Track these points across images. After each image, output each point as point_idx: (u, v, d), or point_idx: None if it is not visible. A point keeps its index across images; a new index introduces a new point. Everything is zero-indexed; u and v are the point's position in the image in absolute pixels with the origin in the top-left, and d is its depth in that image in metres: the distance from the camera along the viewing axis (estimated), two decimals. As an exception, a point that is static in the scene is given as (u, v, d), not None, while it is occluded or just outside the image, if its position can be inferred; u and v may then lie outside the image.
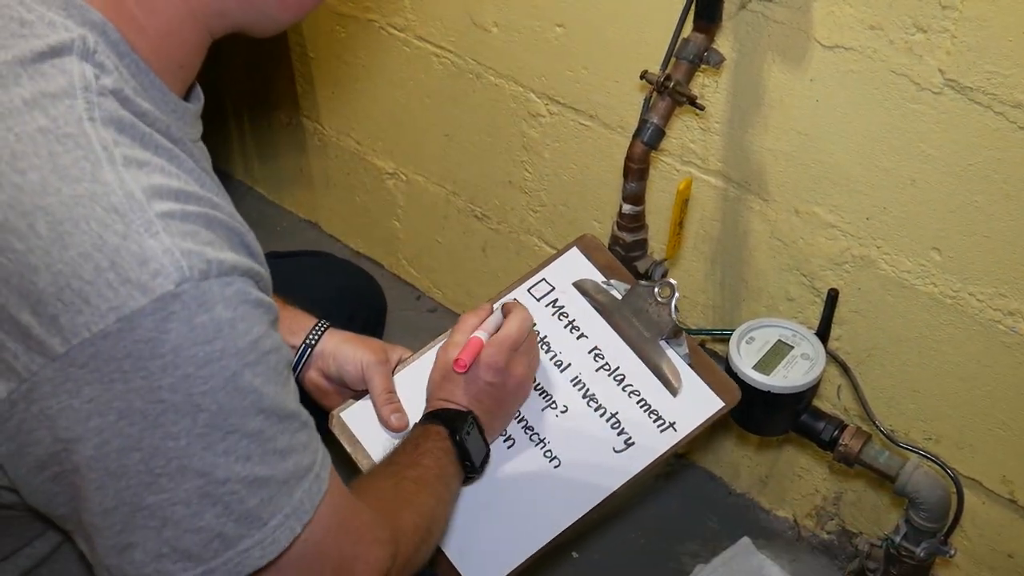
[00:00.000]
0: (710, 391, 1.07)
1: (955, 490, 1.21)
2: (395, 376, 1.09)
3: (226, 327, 0.63)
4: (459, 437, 0.96)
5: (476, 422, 0.99)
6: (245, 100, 2.16)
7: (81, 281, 0.60)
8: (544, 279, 1.17)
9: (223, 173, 2.33)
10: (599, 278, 1.16)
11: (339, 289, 1.31)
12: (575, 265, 1.17)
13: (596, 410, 1.07)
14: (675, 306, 1.08)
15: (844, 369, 1.34)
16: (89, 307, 0.60)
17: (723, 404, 1.06)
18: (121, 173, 0.63)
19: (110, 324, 0.60)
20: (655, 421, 1.05)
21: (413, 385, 1.08)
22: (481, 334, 1.02)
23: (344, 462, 1.08)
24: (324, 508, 0.72)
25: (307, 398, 1.13)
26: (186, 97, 0.77)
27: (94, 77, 0.65)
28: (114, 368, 0.61)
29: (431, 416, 0.99)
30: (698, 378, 1.08)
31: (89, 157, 0.62)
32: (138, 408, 0.62)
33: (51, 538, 0.77)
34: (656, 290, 1.10)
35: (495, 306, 1.08)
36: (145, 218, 0.62)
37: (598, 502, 1.02)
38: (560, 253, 1.19)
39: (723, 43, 1.26)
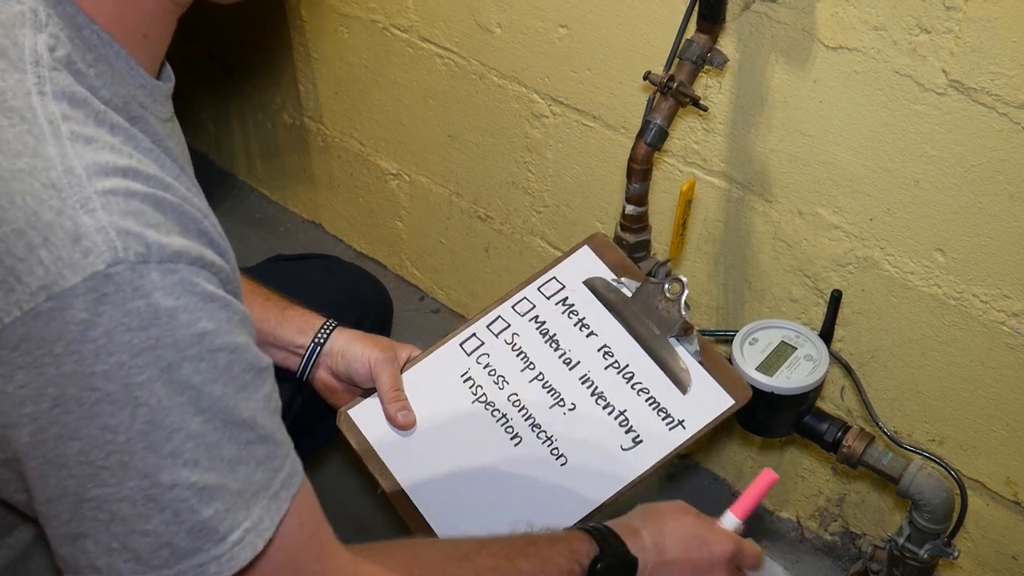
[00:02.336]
0: (720, 389, 1.06)
1: (959, 492, 1.21)
2: (403, 374, 1.09)
3: (164, 315, 0.60)
4: (600, 565, 0.86)
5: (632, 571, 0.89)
6: (248, 100, 2.16)
7: (13, 258, 0.58)
8: (555, 277, 1.17)
9: (226, 173, 2.34)
10: (610, 276, 1.15)
11: (346, 292, 1.31)
12: (586, 263, 1.17)
13: (604, 408, 1.06)
14: (685, 303, 1.07)
15: (847, 370, 1.34)
16: (21, 285, 0.58)
17: (733, 402, 1.05)
18: (65, 148, 0.60)
19: (40, 303, 0.58)
20: (664, 419, 1.05)
21: (421, 383, 1.08)
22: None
23: (353, 460, 1.09)
24: (289, 524, 0.68)
25: (318, 397, 1.13)
26: (157, 76, 0.74)
27: (47, 50, 0.63)
28: (45, 352, 0.59)
29: (590, 528, 0.90)
30: (708, 375, 1.07)
31: (33, 131, 0.60)
32: (72, 395, 0.59)
33: (27, 530, 0.75)
34: (666, 287, 1.08)
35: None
36: (83, 195, 0.59)
37: (605, 500, 1.01)
38: (571, 251, 1.18)
39: (726, 44, 1.26)
